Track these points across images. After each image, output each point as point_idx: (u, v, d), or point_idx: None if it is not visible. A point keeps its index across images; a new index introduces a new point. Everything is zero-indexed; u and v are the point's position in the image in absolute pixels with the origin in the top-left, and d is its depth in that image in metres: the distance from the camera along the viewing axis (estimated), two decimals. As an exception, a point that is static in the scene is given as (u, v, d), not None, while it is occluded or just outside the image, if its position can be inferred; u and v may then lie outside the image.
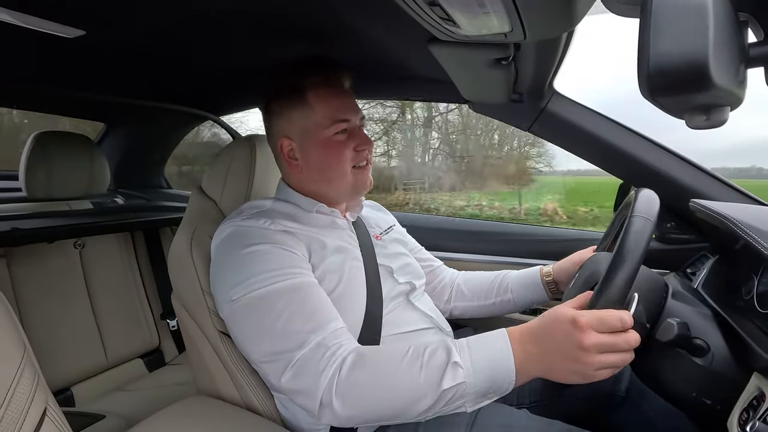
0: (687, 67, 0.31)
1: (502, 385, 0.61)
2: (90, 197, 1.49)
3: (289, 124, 0.83)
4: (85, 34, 0.85)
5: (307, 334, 0.65)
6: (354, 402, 0.61)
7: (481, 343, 0.63)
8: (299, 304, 0.68)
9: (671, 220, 1.12)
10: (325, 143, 0.81)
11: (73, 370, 1.27)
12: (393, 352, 0.64)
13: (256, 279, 0.69)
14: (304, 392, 0.63)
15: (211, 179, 0.95)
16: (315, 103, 0.81)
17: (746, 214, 0.75)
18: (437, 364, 0.61)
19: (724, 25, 0.31)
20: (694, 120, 0.36)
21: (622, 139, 1.08)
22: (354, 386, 0.61)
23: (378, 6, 0.68)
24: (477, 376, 0.60)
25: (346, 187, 0.84)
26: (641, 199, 0.66)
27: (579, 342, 0.57)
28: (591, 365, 0.57)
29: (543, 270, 0.98)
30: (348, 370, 0.62)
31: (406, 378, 0.61)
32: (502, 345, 0.61)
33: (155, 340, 1.49)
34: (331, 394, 0.61)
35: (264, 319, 0.67)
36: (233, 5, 0.76)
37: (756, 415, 0.54)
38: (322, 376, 0.62)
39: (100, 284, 1.37)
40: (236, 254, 0.73)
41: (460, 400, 0.61)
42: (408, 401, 0.61)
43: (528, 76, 0.91)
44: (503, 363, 0.60)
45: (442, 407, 0.61)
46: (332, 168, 0.82)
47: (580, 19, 0.55)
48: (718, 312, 0.72)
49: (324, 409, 0.62)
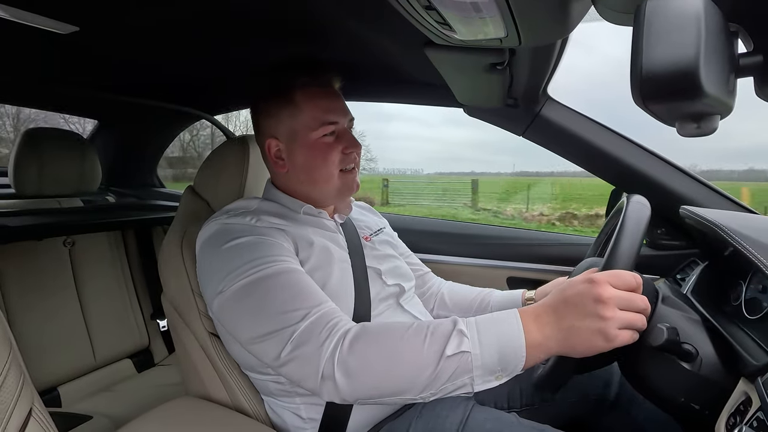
0: (678, 76, 0.31)
1: (512, 362, 0.57)
2: (81, 195, 1.48)
3: (277, 125, 0.82)
4: (78, 30, 0.84)
5: (307, 309, 0.64)
6: (357, 373, 0.59)
7: (490, 319, 0.60)
8: (292, 286, 0.67)
9: (662, 226, 1.13)
10: (312, 145, 0.80)
11: (61, 369, 1.25)
12: (396, 325, 0.63)
13: (245, 267, 0.68)
14: (305, 364, 0.61)
15: (203, 179, 0.95)
16: (303, 104, 0.80)
17: (735, 222, 0.76)
18: (441, 333, 0.59)
19: (715, 35, 0.32)
20: (685, 128, 0.37)
21: (615, 146, 1.09)
22: (357, 357, 0.59)
23: (375, 9, 0.68)
24: (483, 349, 0.57)
25: (332, 189, 0.83)
26: (633, 204, 0.67)
27: (597, 295, 0.55)
28: (612, 321, 0.54)
29: (525, 295, 0.96)
30: (351, 340, 0.60)
31: (410, 347, 0.59)
32: (512, 320, 0.59)
33: (145, 340, 1.47)
34: (333, 365, 0.59)
35: (260, 301, 0.66)
36: (228, 4, 0.76)
37: (743, 420, 0.55)
38: (324, 346, 0.60)
39: (90, 283, 1.36)
40: (222, 249, 0.71)
41: (466, 375, 0.57)
42: (412, 372, 0.58)
43: (522, 81, 0.92)
44: (513, 338, 0.57)
45: (446, 381, 0.57)
46: (318, 170, 0.81)
47: (574, 27, 0.56)
48: (706, 318, 0.73)
49: (325, 382, 0.60)
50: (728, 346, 0.65)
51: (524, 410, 0.91)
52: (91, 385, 1.30)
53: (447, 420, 0.78)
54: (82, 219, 1.32)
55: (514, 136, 1.17)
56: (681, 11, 0.31)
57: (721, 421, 0.61)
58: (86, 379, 1.30)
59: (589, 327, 0.55)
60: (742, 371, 0.61)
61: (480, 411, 0.81)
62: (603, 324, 0.54)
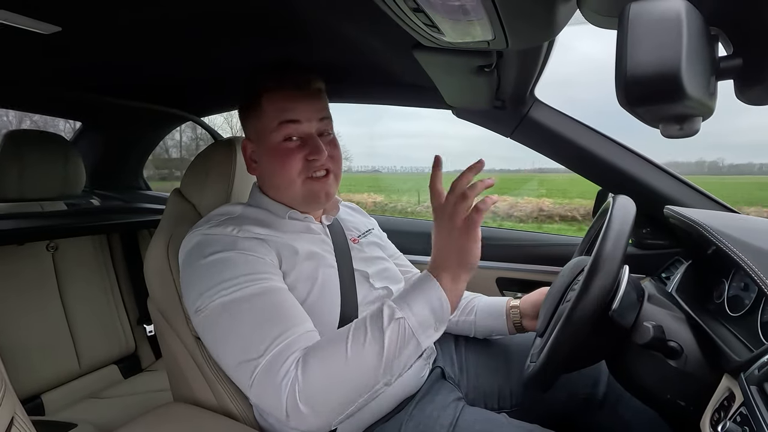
0: (662, 79, 0.32)
1: (441, 311, 0.66)
2: (64, 198, 1.44)
3: (249, 127, 0.84)
4: (60, 30, 0.82)
5: (270, 341, 0.64)
6: (317, 399, 0.61)
7: (408, 285, 0.69)
8: (264, 310, 0.67)
9: (647, 225, 1.15)
10: (273, 149, 0.79)
11: (44, 377, 1.22)
12: (340, 332, 0.66)
13: (220, 287, 0.68)
14: (269, 402, 0.62)
15: (189, 182, 0.94)
16: (266, 104, 0.79)
17: (717, 221, 0.77)
18: (374, 317, 0.65)
19: (696, 39, 0.32)
20: (668, 129, 0.37)
21: (600, 147, 1.11)
22: (312, 384, 0.61)
23: (363, 11, 0.68)
24: (413, 309, 0.65)
25: (296, 196, 0.82)
26: (619, 205, 0.68)
27: (436, 218, 0.69)
28: (452, 217, 0.66)
29: (510, 302, 0.96)
30: (302, 372, 0.61)
31: (355, 345, 0.63)
32: (425, 278, 0.68)
33: (131, 345, 1.45)
34: (295, 400, 0.60)
35: (230, 326, 0.66)
36: (214, 5, 0.75)
37: (727, 415, 0.56)
38: (282, 384, 0.61)
39: (74, 288, 1.33)
40: (201, 264, 0.71)
41: (411, 340, 0.64)
42: (365, 365, 0.62)
43: (510, 83, 0.93)
44: (432, 290, 0.66)
45: (395, 356, 0.63)
46: (278, 176, 0.80)
47: (560, 29, 0.56)
48: (691, 315, 0.74)
49: (290, 416, 0.61)
50: (712, 343, 0.67)
51: (514, 410, 0.92)
52: (76, 392, 1.27)
53: (437, 421, 0.78)
54: (65, 222, 1.30)
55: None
56: (663, 15, 0.32)
57: (705, 417, 0.62)
58: (70, 386, 1.27)
59: (454, 238, 0.66)
60: (726, 367, 0.63)
61: (470, 412, 0.81)
62: (453, 229, 0.66)
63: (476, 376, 0.94)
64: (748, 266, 0.62)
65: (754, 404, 0.51)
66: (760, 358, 0.55)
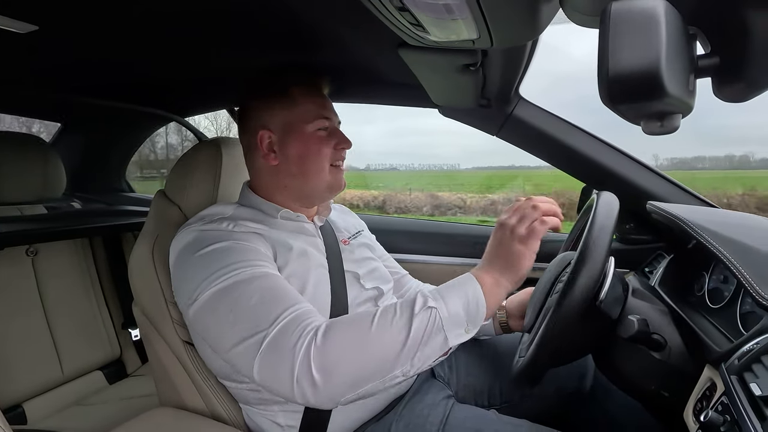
0: (642, 76, 0.32)
1: (475, 311, 0.64)
2: (44, 201, 1.41)
3: (271, 117, 0.83)
4: (37, 29, 0.80)
5: (279, 312, 0.63)
6: (334, 367, 0.59)
7: (447, 283, 0.68)
8: (266, 290, 0.66)
9: (630, 221, 1.17)
10: (307, 137, 0.82)
11: (25, 385, 1.19)
12: (366, 311, 0.65)
13: (218, 273, 0.67)
14: (278, 369, 0.60)
15: (174, 183, 0.92)
16: (299, 97, 0.83)
17: (697, 216, 0.79)
18: (407, 301, 0.64)
19: (675, 38, 0.33)
20: (649, 126, 0.38)
21: (584, 144, 1.12)
22: (332, 349, 0.59)
23: (348, 11, 0.67)
24: (448, 304, 0.63)
25: (322, 183, 0.84)
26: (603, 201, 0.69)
27: (499, 224, 0.70)
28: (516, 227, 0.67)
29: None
30: (323, 333, 0.60)
31: (381, 322, 0.61)
32: (466, 277, 0.67)
33: (116, 350, 1.42)
34: (308, 363, 0.58)
35: (231, 307, 0.65)
36: (199, 4, 0.74)
37: (709, 405, 0.58)
38: (297, 347, 0.59)
39: (56, 293, 1.30)
40: (196, 256, 0.70)
41: (438, 334, 0.61)
42: (386, 345, 0.60)
43: (495, 81, 0.94)
44: (471, 289, 0.65)
45: (420, 344, 0.60)
46: (312, 162, 0.82)
47: (543, 28, 0.57)
48: (673, 308, 0.76)
49: (300, 384, 0.58)
50: (694, 334, 0.68)
51: (504, 407, 0.93)
52: (59, 400, 1.24)
53: (428, 419, 0.78)
54: (45, 226, 1.26)
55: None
56: (644, 14, 0.32)
57: (689, 407, 0.63)
58: (53, 394, 1.24)
59: (511, 242, 0.67)
60: (707, 358, 0.64)
61: (460, 409, 0.82)
62: (514, 234, 0.67)
63: (466, 374, 0.95)
64: (727, 259, 0.64)
65: (735, 393, 0.52)
66: (740, 348, 0.57)
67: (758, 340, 0.55)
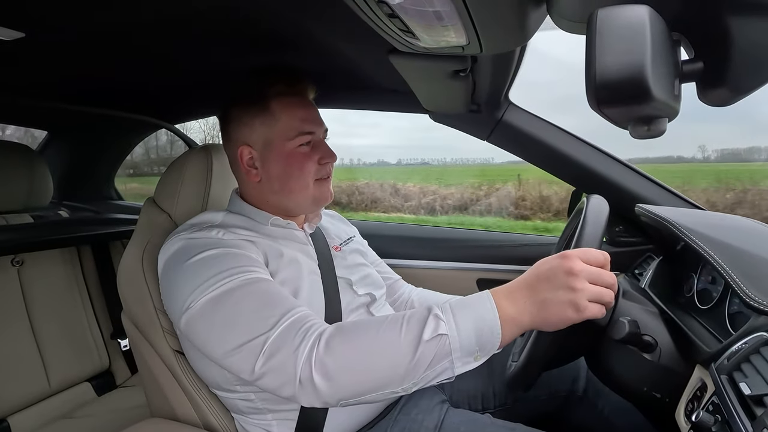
0: (629, 81, 0.33)
1: (488, 340, 0.58)
2: (30, 210, 1.38)
3: (251, 133, 0.80)
4: (24, 36, 0.79)
5: (279, 315, 0.62)
6: (336, 373, 0.58)
7: (463, 301, 0.61)
8: (262, 295, 0.65)
9: (620, 224, 1.19)
10: (288, 155, 0.79)
11: (10, 398, 1.16)
12: (372, 319, 0.63)
13: (211, 281, 0.65)
14: (281, 372, 0.59)
15: (163, 190, 0.91)
16: (279, 113, 0.79)
17: (685, 218, 0.80)
18: (417, 319, 0.59)
19: (660, 44, 0.34)
20: (636, 130, 0.39)
21: (574, 148, 1.13)
22: (334, 356, 0.58)
23: (339, 17, 0.68)
24: (460, 331, 0.57)
25: (306, 199, 0.82)
26: (593, 204, 0.70)
27: (569, 269, 0.57)
28: (582, 292, 0.56)
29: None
30: (327, 340, 0.59)
31: (387, 338, 0.58)
32: (484, 300, 0.60)
33: (105, 361, 1.39)
34: (310, 367, 0.57)
35: (228, 313, 0.63)
36: (187, 11, 0.74)
37: (700, 405, 0.58)
38: (300, 350, 0.58)
39: (42, 304, 1.27)
40: (187, 265, 0.69)
41: (445, 359, 0.57)
42: (391, 363, 0.57)
43: (485, 87, 0.94)
44: (487, 316, 0.58)
45: (426, 368, 0.57)
46: (294, 179, 0.80)
47: (531, 35, 0.58)
48: (663, 309, 0.77)
49: (304, 386, 0.58)
50: (684, 335, 0.69)
51: (498, 411, 0.93)
52: (46, 414, 1.21)
53: (422, 424, 0.78)
54: (31, 236, 1.24)
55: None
56: (629, 21, 0.33)
57: (680, 407, 0.64)
58: (40, 407, 1.21)
59: (561, 298, 0.56)
60: (697, 359, 0.65)
61: (455, 414, 0.82)
62: (574, 295, 0.56)
63: (459, 378, 0.94)
64: (715, 260, 0.65)
65: (725, 393, 0.52)
66: (729, 348, 0.58)
67: (746, 339, 0.56)
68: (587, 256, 0.59)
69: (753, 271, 0.61)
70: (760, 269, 0.62)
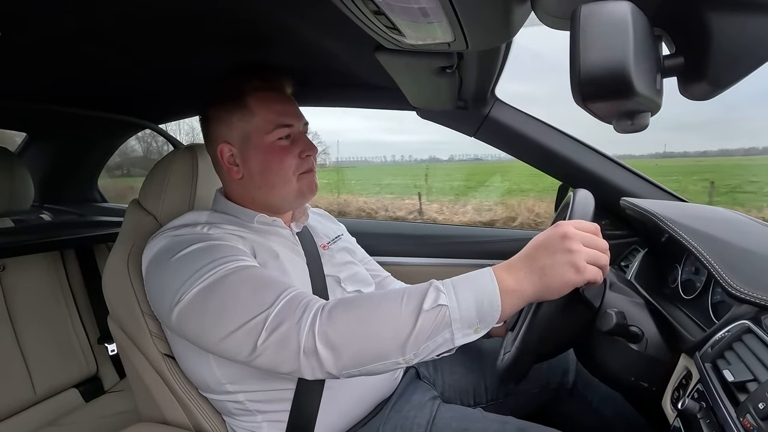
0: (612, 76, 0.33)
1: (488, 312, 0.58)
2: (11, 214, 1.35)
3: (229, 130, 0.80)
4: (0, 35, 0.77)
5: (276, 295, 0.62)
6: (339, 342, 0.58)
7: (464, 276, 0.62)
8: (257, 278, 0.64)
9: (606, 217, 1.20)
10: (267, 149, 0.79)
11: (-6, 407, 1.14)
12: (373, 293, 0.63)
13: (200, 272, 0.64)
14: (284, 345, 0.58)
15: (148, 191, 0.90)
16: (255, 107, 0.78)
17: (669, 210, 0.82)
18: (418, 291, 0.60)
19: (642, 39, 0.34)
20: (621, 124, 0.39)
21: (559, 143, 1.15)
22: (337, 325, 0.58)
23: (325, 14, 0.67)
24: (460, 302, 0.58)
25: (290, 193, 0.81)
26: (579, 197, 0.71)
27: (563, 233, 0.59)
28: (579, 253, 0.58)
29: None
30: (329, 311, 0.60)
31: (388, 308, 0.59)
32: (484, 274, 0.61)
33: (92, 366, 1.37)
34: (314, 337, 0.57)
35: (223, 298, 0.62)
36: (170, 9, 0.72)
37: (686, 393, 0.59)
38: (302, 321, 0.59)
39: (25, 309, 1.24)
40: (174, 260, 0.67)
41: (445, 330, 0.58)
42: (392, 332, 0.58)
43: (471, 83, 0.95)
44: (487, 288, 0.59)
45: (426, 338, 0.58)
46: (274, 174, 0.79)
47: (516, 31, 0.58)
48: (649, 300, 0.78)
49: (308, 357, 0.58)
50: (669, 325, 0.71)
51: (489, 405, 0.94)
52: (32, 421, 1.19)
53: (414, 421, 0.78)
54: (12, 240, 1.21)
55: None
56: (612, 16, 0.33)
57: (666, 395, 0.65)
58: (25, 415, 1.19)
59: (560, 261, 0.58)
60: (682, 348, 0.66)
61: (446, 409, 0.82)
62: (572, 256, 0.58)
63: (451, 373, 0.96)
64: (698, 251, 0.66)
65: (709, 380, 0.54)
66: (712, 336, 0.59)
67: (729, 328, 0.57)
68: (579, 224, 0.61)
69: (734, 261, 0.62)
70: (742, 259, 0.63)
